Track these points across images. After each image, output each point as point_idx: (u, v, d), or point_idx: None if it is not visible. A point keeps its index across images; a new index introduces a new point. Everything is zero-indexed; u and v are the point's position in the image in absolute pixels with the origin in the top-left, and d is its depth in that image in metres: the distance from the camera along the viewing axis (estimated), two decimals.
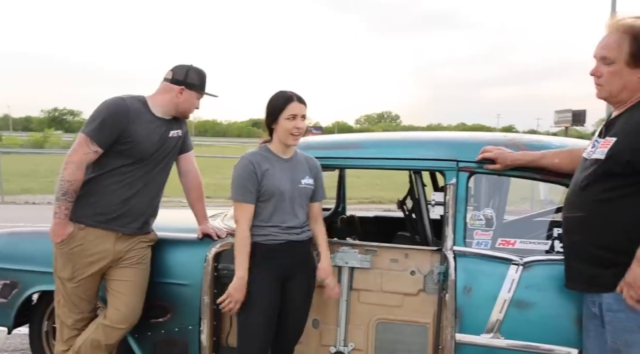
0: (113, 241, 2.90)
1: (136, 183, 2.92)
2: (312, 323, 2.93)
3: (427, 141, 3.10)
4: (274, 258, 2.71)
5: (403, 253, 2.85)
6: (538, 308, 2.56)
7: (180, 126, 3.10)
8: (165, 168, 3.05)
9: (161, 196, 3.10)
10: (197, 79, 3.01)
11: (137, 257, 2.96)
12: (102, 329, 2.91)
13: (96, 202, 2.89)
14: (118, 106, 2.86)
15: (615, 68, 2.17)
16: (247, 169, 2.70)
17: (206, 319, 2.96)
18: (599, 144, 2.21)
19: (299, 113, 2.70)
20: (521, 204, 11.54)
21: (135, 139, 2.86)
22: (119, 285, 2.93)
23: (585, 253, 2.24)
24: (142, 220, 2.97)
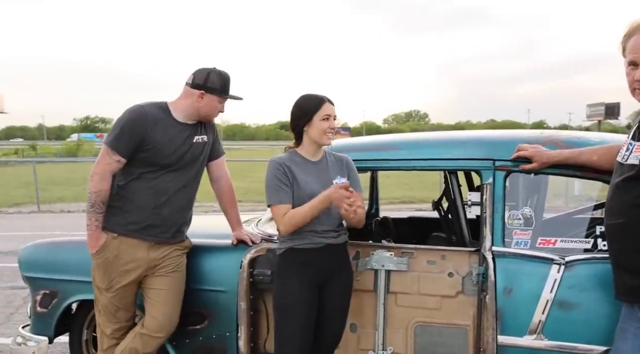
0: (146, 250, 2.91)
1: (165, 191, 2.92)
2: (349, 327, 2.90)
3: (462, 141, 3.04)
4: (311, 263, 2.69)
5: (440, 255, 2.81)
6: (582, 308, 2.50)
7: (206, 131, 3.07)
8: (194, 175, 3.02)
9: (193, 204, 3.10)
10: (219, 83, 2.96)
11: (173, 266, 2.97)
12: (140, 337, 2.93)
13: (127, 211, 2.91)
14: (136, 113, 2.88)
15: None
16: (278, 171, 2.69)
17: (243, 325, 2.96)
18: (633, 147, 2.15)
19: (332, 113, 2.71)
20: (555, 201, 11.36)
21: (155, 145, 2.86)
22: (156, 294, 2.94)
23: (627, 261, 2.18)
24: (174, 229, 2.97)
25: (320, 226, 2.69)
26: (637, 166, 2.12)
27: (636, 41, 2.15)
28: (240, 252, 3.02)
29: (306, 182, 2.69)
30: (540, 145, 2.71)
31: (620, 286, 2.23)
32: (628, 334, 2.21)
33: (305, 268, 2.69)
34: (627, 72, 2.22)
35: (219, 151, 3.20)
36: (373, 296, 2.88)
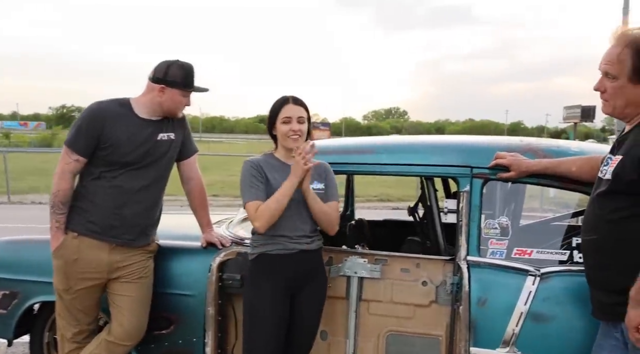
0: (107, 252, 2.81)
1: (126, 191, 2.81)
2: (320, 334, 2.83)
3: (440, 146, 2.99)
4: (284, 270, 2.62)
5: (414, 263, 2.75)
6: (556, 322, 2.45)
7: (174, 128, 2.95)
8: (160, 174, 2.91)
9: (160, 205, 2.98)
10: (180, 76, 2.84)
11: (139, 271, 2.86)
12: (106, 344, 2.83)
13: (87, 211, 2.82)
14: (93, 111, 2.82)
15: (619, 84, 2.06)
16: (252, 170, 2.63)
17: (211, 331, 2.87)
18: (610, 161, 2.11)
19: (294, 115, 2.62)
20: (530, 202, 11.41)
21: (113, 142, 2.76)
22: (122, 300, 2.84)
23: (601, 279, 2.14)
24: (137, 231, 2.85)
25: (294, 231, 2.62)
26: (610, 182, 2.07)
27: (608, 50, 2.11)
28: (210, 255, 2.92)
29: (279, 183, 2.60)
30: (518, 153, 2.67)
31: (595, 303, 2.19)
32: (604, 350, 2.17)
33: (277, 275, 2.61)
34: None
35: (190, 150, 3.08)
36: (345, 304, 2.81)
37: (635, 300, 1.94)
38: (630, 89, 2.05)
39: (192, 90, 2.89)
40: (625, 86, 2.06)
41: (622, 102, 2.09)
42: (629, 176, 1.99)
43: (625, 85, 2.06)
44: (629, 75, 2.04)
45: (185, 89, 2.86)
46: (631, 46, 2.03)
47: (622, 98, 2.08)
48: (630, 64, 2.03)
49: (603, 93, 2.14)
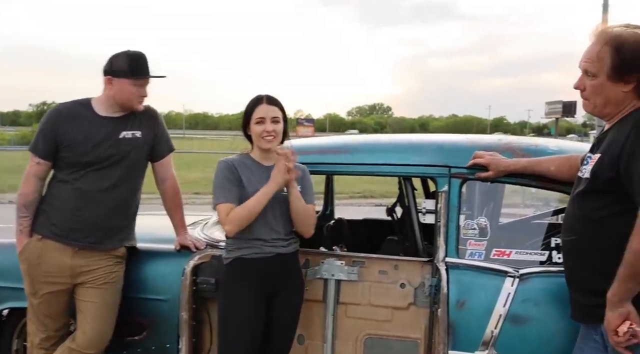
0: (70, 256, 2.74)
1: (87, 192, 2.74)
2: (297, 339, 2.77)
3: (418, 146, 2.94)
4: (260, 274, 2.56)
5: (392, 264, 2.70)
6: (535, 324, 2.41)
7: (140, 126, 2.85)
8: (126, 174, 2.81)
9: (129, 207, 2.89)
10: (125, 64, 2.75)
11: (105, 277, 2.77)
12: (69, 352, 2.75)
13: (49, 213, 2.78)
14: (49, 113, 2.85)
15: (598, 82, 2.02)
16: (226, 171, 2.57)
17: (185, 336, 2.80)
18: (590, 160, 2.07)
19: (267, 115, 2.55)
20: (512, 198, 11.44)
21: (69, 143, 2.74)
22: (86, 306, 2.76)
23: (580, 281, 2.11)
24: (100, 234, 2.76)
25: (270, 234, 2.56)
26: (588, 180, 2.03)
27: (588, 47, 2.07)
28: (184, 259, 2.85)
29: (253, 184, 2.55)
30: (497, 152, 2.62)
31: (574, 305, 2.16)
32: (584, 353, 2.14)
33: (253, 279, 2.55)
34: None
35: (163, 150, 2.99)
36: (322, 307, 2.75)
37: (612, 303, 1.91)
38: (610, 87, 2.01)
39: (140, 77, 2.79)
40: (605, 84, 2.01)
41: (602, 100, 2.05)
42: (607, 174, 1.96)
43: (604, 84, 2.01)
44: (608, 73, 1.99)
45: (133, 77, 2.77)
46: (610, 44, 1.98)
47: (602, 96, 2.04)
48: (609, 62, 1.98)
49: (583, 91, 2.10)
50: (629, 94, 2.00)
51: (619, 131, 1.99)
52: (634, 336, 1.89)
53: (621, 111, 2.04)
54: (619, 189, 1.93)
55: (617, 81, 1.99)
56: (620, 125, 2.01)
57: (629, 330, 1.88)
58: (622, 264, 1.87)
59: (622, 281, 1.88)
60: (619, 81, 1.99)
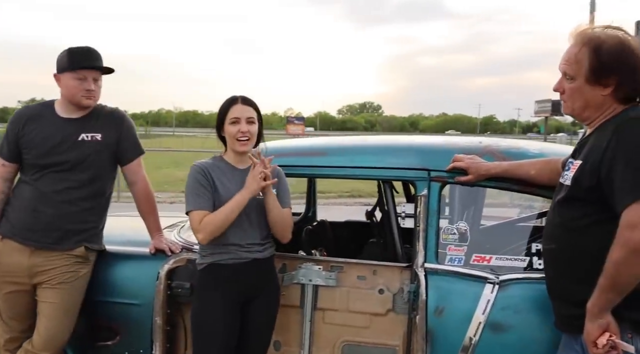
0: (28, 255, 2.70)
1: (43, 194, 2.72)
2: (273, 344, 2.72)
3: (396, 148, 2.90)
4: (235, 280, 2.50)
5: (371, 270, 2.64)
6: (515, 331, 2.36)
7: (101, 129, 2.81)
8: (87, 178, 2.76)
9: (92, 210, 2.82)
10: (66, 59, 2.74)
11: (60, 277, 2.70)
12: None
13: (10, 213, 2.78)
14: (13, 115, 2.88)
15: (576, 85, 1.97)
16: (199, 175, 2.50)
17: (158, 341, 2.74)
18: (571, 166, 2.02)
19: (242, 116, 2.50)
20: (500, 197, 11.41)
21: (28, 144, 2.76)
22: (42, 307, 2.72)
23: (560, 290, 2.06)
24: (56, 235, 2.71)
25: (245, 239, 2.51)
26: (569, 188, 1.98)
27: (567, 49, 2.02)
28: (158, 262, 2.78)
29: (227, 189, 2.49)
30: (477, 156, 2.57)
31: (557, 314, 2.12)
32: None
33: (228, 285, 2.50)
34: None
35: (129, 153, 2.91)
36: (299, 312, 2.70)
37: (592, 313, 1.87)
38: (588, 91, 1.96)
39: (80, 69, 2.73)
40: (583, 87, 1.96)
41: (581, 103, 2.00)
42: (588, 182, 1.90)
43: (582, 87, 1.96)
44: (586, 76, 1.94)
45: (73, 70, 2.72)
46: (589, 45, 1.93)
47: (580, 99, 1.99)
48: (587, 64, 1.93)
49: (562, 94, 2.04)
50: (607, 97, 1.95)
51: (599, 137, 1.94)
52: (613, 348, 1.84)
53: (602, 115, 1.98)
54: (600, 198, 1.88)
55: (595, 84, 1.94)
56: (601, 131, 1.96)
57: (609, 342, 1.84)
58: (602, 275, 1.83)
59: (602, 292, 1.84)
60: (597, 84, 1.94)
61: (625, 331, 1.87)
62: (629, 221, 1.76)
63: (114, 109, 2.94)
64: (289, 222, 2.62)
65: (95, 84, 2.77)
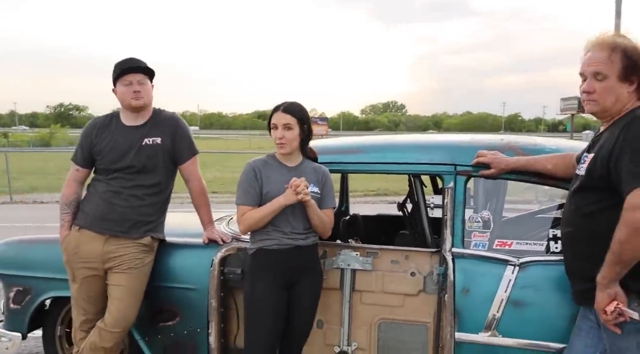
0: (102, 243, 3.05)
1: (118, 190, 3.08)
2: (316, 323, 3.00)
3: (425, 145, 3.17)
4: (280, 264, 2.78)
5: (403, 255, 2.93)
6: (534, 307, 2.63)
7: (160, 133, 3.15)
8: (149, 176, 3.11)
9: (156, 205, 3.16)
10: (114, 72, 3.13)
11: (130, 263, 3.04)
12: (98, 332, 3.02)
13: (86, 206, 3.14)
14: (85, 127, 3.25)
15: (609, 83, 2.23)
16: (249, 175, 2.81)
17: (214, 322, 3.05)
18: (586, 159, 2.29)
19: (279, 123, 2.80)
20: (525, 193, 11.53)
21: (101, 151, 3.13)
22: (113, 290, 3.05)
23: (575, 269, 2.34)
24: (129, 224, 3.06)
25: (288, 227, 2.79)
26: (583, 178, 2.26)
27: (587, 56, 2.29)
28: (211, 251, 3.09)
29: (275, 183, 2.78)
30: (499, 152, 2.85)
31: (573, 290, 2.40)
32: (582, 331, 2.39)
33: (274, 269, 2.78)
34: (580, 85, 2.35)
35: (183, 154, 3.23)
36: (339, 294, 2.99)
37: (602, 285, 2.14)
38: (619, 87, 2.23)
39: (125, 73, 3.09)
40: (615, 85, 2.23)
41: (612, 100, 2.25)
42: (599, 172, 2.19)
43: (615, 84, 2.23)
44: (618, 74, 2.22)
45: (119, 78, 3.10)
46: (618, 48, 2.22)
47: (612, 96, 2.24)
48: (619, 63, 2.21)
49: (591, 94, 2.28)
50: (631, 93, 2.24)
51: (611, 132, 2.22)
52: (620, 315, 2.12)
53: (622, 110, 2.26)
54: (610, 186, 2.16)
55: (625, 81, 2.23)
56: (613, 127, 2.24)
57: (616, 309, 2.11)
58: (609, 251, 2.10)
59: (610, 266, 2.11)
60: (626, 81, 2.23)
61: (632, 301, 2.14)
62: (632, 203, 2.04)
63: (170, 114, 3.28)
64: (328, 224, 2.88)
65: (141, 86, 3.11)
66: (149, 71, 3.16)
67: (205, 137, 60.07)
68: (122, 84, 3.09)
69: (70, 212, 3.15)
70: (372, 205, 11.89)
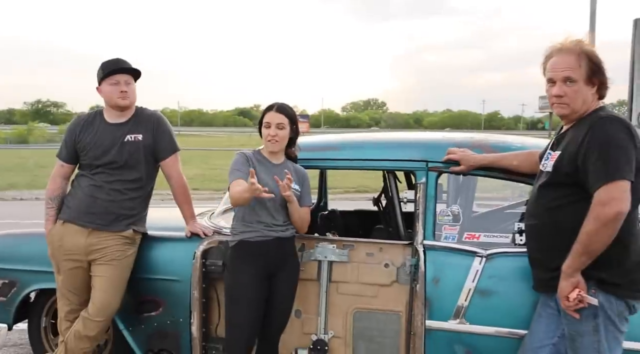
0: (85, 236, 3.16)
1: (100, 185, 3.20)
2: (295, 313, 3.13)
3: (399, 143, 3.33)
4: (261, 255, 2.90)
5: (378, 247, 3.07)
6: (499, 296, 2.79)
7: (142, 130, 3.26)
8: (130, 171, 3.23)
9: (137, 199, 3.27)
10: (100, 70, 3.24)
11: (112, 255, 3.15)
12: (82, 321, 3.14)
13: (70, 201, 3.25)
14: (70, 124, 3.39)
15: (578, 86, 2.39)
16: (242, 159, 2.97)
17: (196, 312, 3.16)
18: (550, 156, 2.45)
19: (273, 121, 2.93)
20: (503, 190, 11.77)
21: (85, 147, 3.24)
22: (96, 280, 3.16)
23: (539, 258, 2.50)
24: (111, 218, 3.18)
25: (271, 220, 2.92)
26: (549, 173, 2.42)
27: (554, 62, 2.44)
28: (194, 244, 3.21)
29: (260, 177, 2.88)
30: (468, 149, 3.00)
31: (535, 278, 2.56)
32: (542, 318, 2.55)
33: (255, 259, 2.90)
34: (547, 89, 2.49)
35: (164, 150, 3.33)
36: (316, 285, 3.12)
37: (566, 273, 2.30)
38: (585, 90, 2.40)
39: (112, 73, 3.21)
40: (582, 88, 2.39)
41: (580, 102, 2.41)
42: (566, 169, 2.35)
43: (582, 87, 2.39)
44: (584, 78, 2.38)
45: (106, 77, 3.22)
46: (584, 53, 2.38)
47: (581, 98, 2.40)
48: (586, 68, 2.37)
49: (561, 98, 2.42)
50: (593, 95, 2.41)
51: (576, 132, 2.38)
52: (580, 302, 2.29)
53: (586, 111, 2.41)
54: (576, 182, 2.33)
55: (589, 84, 2.39)
56: (578, 126, 2.40)
57: (578, 296, 2.28)
58: (576, 242, 2.26)
59: (576, 256, 2.27)
60: (590, 84, 2.39)
61: (590, 288, 2.31)
62: (601, 199, 2.20)
63: (152, 112, 3.39)
64: (306, 220, 3.05)
65: (128, 86, 3.23)
66: (136, 72, 3.28)
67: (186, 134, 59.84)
68: (108, 83, 3.20)
69: (55, 206, 3.26)
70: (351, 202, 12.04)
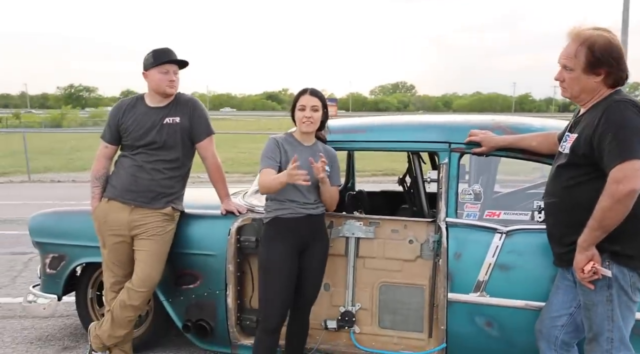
0: (128, 212, 3.40)
1: (142, 164, 3.43)
2: (324, 286, 3.31)
3: (423, 125, 3.47)
4: (293, 230, 3.07)
5: (402, 224, 3.23)
6: (518, 270, 2.93)
7: (180, 113, 3.46)
8: (168, 151, 3.44)
9: (175, 179, 3.48)
10: (151, 57, 3.43)
11: (153, 230, 3.38)
12: (127, 291, 3.37)
13: (113, 179, 3.49)
14: (113, 108, 3.61)
15: (574, 75, 2.51)
16: (272, 145, 3.11)
17: (231, 284, 3.38)
18: (568, 138, 2.58)
19: (308, 104, 3.08)
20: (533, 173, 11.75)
21: (127, 129, 3.47)
22: (138, 254, 3.40)
23: (558, 234, 2.62)
24: (151, 196, 3.41)
25: (302, 198, 3.08)
26: (568, 155, 2.55)
27: (566, 47, 2.56)
28: (229, 221, 3.41)
29: (289, 156, 3.05)
30: (489, 131, 3.13)
31: (554, 253, 2.69)
32: (559, 290, 2.69)
33: (288, 235, 3.07)
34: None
35: (200, 133, 3.53)
36: (344, 260, 3.31)
37: (581, 247, 2.44)
38: (584, 79, 2.51)
39: (164, 63, 3.41)
40: (580, 76, 2.51)
41: (578, 89, 2.54)
42: (582, 150, 2.47)
43: (579, 76, 2.51)
44: (582, 68, 2.49)
45: (157, 65, 3.41)
46: (585, 44, 2.48)
47: (578, 86, 2.53)
48: (583, 59, 2.48)
49: (562, 82, 2.58)
50: (599, 83, 2.51)
51: (592, 115, 2.49)
52: (595, 274, 2.43)
53: (594, 97, 2.54)
54: (592, 162, 2.45)
55: (590, 74, 2.49)
56: (593, 110, 2.52)
57: (592, 268, 2.42)
58: (592, 218, 2.39)
59: (591, 230, 2.40)
60: (591, 74, 2.49)
61: (605, 260, 2.44)
62: (615, 177, 2.32)
63: (189, 97, 3.59)
64: (336, 198, 3.20)
65: (175, 76, 3.45)
66: (184, 64, 3.51)
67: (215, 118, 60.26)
68: (159, 71, 3.40)
69: (100, 185, 3.50)
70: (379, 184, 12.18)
